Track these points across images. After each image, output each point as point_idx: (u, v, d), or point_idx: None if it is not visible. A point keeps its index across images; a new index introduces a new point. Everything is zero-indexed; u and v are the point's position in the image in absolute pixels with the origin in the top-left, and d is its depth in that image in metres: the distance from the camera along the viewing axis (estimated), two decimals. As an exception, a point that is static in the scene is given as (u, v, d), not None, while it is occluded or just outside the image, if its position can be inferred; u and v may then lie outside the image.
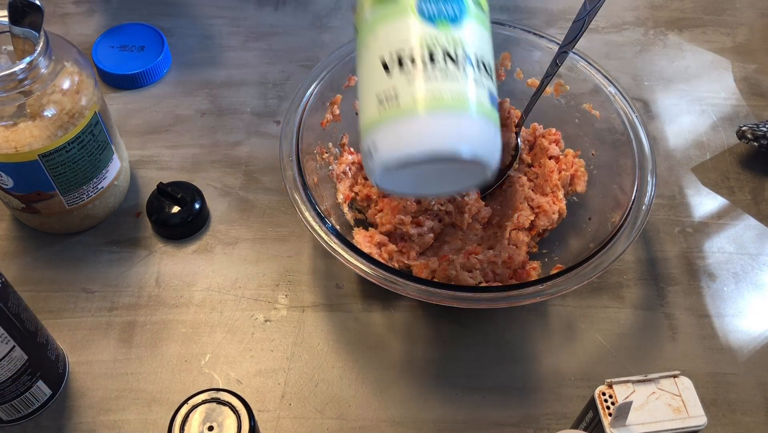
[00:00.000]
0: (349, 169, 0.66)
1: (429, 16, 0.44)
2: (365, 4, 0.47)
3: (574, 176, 0.65)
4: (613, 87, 0.64)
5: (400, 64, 0.44)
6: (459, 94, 0.43)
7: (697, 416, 0.46)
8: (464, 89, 0.43)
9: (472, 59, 0.44)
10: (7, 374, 0.50)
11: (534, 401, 0.57)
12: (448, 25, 0.44)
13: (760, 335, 0.61)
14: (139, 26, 0.78)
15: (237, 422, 0.47)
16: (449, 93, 0.43)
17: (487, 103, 0.44)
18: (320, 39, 0.81)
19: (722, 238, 0.67)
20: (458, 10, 0.45)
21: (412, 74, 0.43)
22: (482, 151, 0.44)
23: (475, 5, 0.46)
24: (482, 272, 0.60)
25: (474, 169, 0.45)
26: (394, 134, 0.43)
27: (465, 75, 0.44)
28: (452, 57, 0.44)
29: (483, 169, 0.45)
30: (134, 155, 0.70)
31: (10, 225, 0.65)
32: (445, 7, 0.45)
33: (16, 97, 0.53)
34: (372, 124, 0.44)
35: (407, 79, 0.43)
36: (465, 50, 0.44)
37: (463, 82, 0.43)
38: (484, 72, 0.45)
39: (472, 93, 0.44)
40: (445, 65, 0.43)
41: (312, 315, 0.61)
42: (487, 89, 0.45)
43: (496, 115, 0.45)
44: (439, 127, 0.43)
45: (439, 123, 0.43)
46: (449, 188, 0.54)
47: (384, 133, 0.44)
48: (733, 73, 0.80)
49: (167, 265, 0.63)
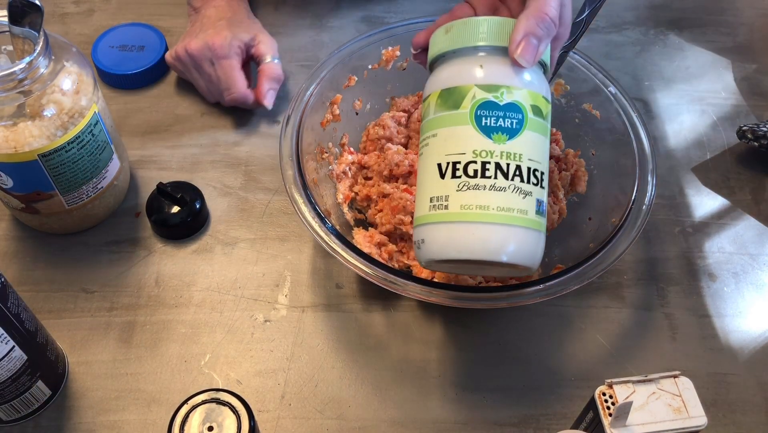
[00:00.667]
0: (349, 169, 0.66)
1: (486, 129, 0.46)
2: (431, 100, 0.49)
3: (575, 176, 0.65)
4: (613, 87, 0.64)
5: (454, 172, 0.47)
6: (504, 207, 0.46)
7: (697, 416, 0.46)
8: (511, 202, 0.46)
9: (523, 171, 0.46)
10: (7, 374, 0.50)
11: (534, 401, 0.57)
12: (503, 138, 0.46)
13: (760, 335, 0.61)
14: (139, 26, 0.78)
15: (237, 423, 0.47)
16: (495, 205, 0.46)
17: (532, 213, 0.47)
18: (320, 39, 0.81)
19: (722, 238, 0.67)
20: (516, 123, 0.47)
21: (463, 184, 0.46)
22: (522, 258, 0.47)
23: (534, 113, 0.47)
24: (482, 272, 0.60)
25: (515, 268, 0.48)
26: (441, 236, 0.47)
27: (514, 187, 0.46)
28: (503, 171, 0.46)
29: (524, 269, 0.48)
30: (134, 155, 0.70)
31: (10, 225, 0.65)
32: (503, 120, 0.46)
33: (15, 97, 0.53)
34: (423, 221, 0.48)
35: (458, 187, 0.46)
36: (518, 163, 0.46)
37: (511, 195, 0.46)
38: (533, 181, 0.47)
39: (517, 205, 0.46)
40: (495, 179, 0.46)
41: (312, 315, 0.61)
42: (536, 199, 0.47)
43: (541, 221, 0.48)
44: (482, 236, 0.46)
45: (482, 233, 0.46)
46: (492, 274, 0.57)
47: (432, 232, 0.48)
48: (733, 73, 0.80)
49: (167, 265, 0.63)
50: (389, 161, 0.64)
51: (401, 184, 0.63)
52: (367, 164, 0.66)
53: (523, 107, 0.47)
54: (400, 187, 0.63)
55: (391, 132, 0.67)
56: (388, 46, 0.66)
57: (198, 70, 0.72)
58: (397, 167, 0.63)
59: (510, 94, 0.47)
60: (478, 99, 0.47)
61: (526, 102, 0.47)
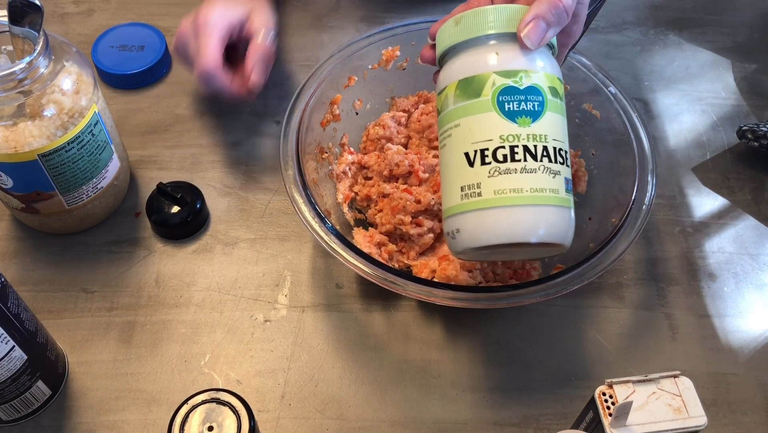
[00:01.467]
0: (349, 169, 0.66)
1: (509, 114, 0.47)
2: (448, 92, 0.49)
3: (575, 176, 0.65)
4: (613, 87, 0.64)
5: (483, 159, 0.47)
6: (537, 188, 0.46)
7: (697, 416, 0.46)
8: (542, 183, 0.47)
9: (550, 151, 0.47)
10: (7, 374, 0.50)
11: (534, 401, 0.57)
12: (528, 121, 0.47)
13: (760, 335, 0.61)
14: (139, 26, 0.78)
15: (237, 422, 0.47)
16: (528, 187, 0.46)
17: (563, 191, 0.47)
18: (320, 39, 0.81)
19: (722, 238, 0.67)
20: (538, 105, 0.47)
21: (494, 169, 0.47)
22: (556, 236, 0.47)
23: (552, 95, 0.48)
24: (482, 272, 0.60)
25: (549, 247, 0.48)
26: (476, 223, 0.47)
27: (544, 168, 0.47)
28: (532, 153, 0.47)
29: (558, 248, 0.49)
30: (134, 155, 0.70)
31: (9, 225, 0.65)
32: (525, 104, 0.47)
33: (15, 97, 0.53)
34: (455, 211, 0.48)
35: (489, 174, 0.47)
36: (544, 144, 0.47)
37: (542, 176, 0.47)
38: (560, 161, 0.48)
39: (549, 185, 0.47)
40: (525, 161, 0.46)
41: (312, 315, 0.61)
42: (564, 177, 0.48)
43: (570, 198, 0.49)
44: (517, 219, 0.47)
45: (519, 216, 0.47)
46: (524, 257, 0.58)
47: (467, 221, 0.48)
48: (733, 72, 0.80)
49: (167, 265, 0.63)
50: (389, 161, 0.64)
51: (401, 184, 0.63)
52: (367, 164, 0.66)
53: (542, 89, 0.48)
54: (400, 188, 0.63)
55: (391, 132, 0.67)
56: (388, 46, 0.66)
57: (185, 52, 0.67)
58: (397, 167, 0.63)
59: (528, 78, 0.47)
60: (498, 85, 0.47)
61: (544, 84, 0.48)
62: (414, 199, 0.61)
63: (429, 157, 0.63)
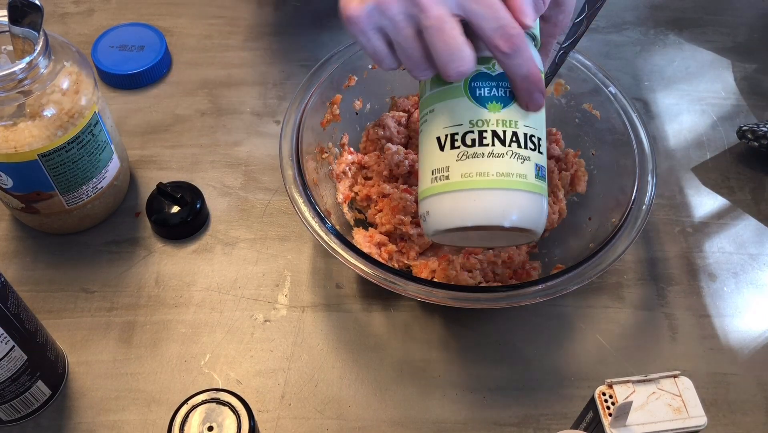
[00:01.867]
0: (349, 169, 0.66)
1: (480, 99, 0.47)
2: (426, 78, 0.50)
3: (575, 176, 0.65)
4: (613, 87, 0.64)
5: (453, 143, 0.47)
6: (504, 172, 0.47)
7: (697, 416, 0.46)
8: (509, 167, 0.47)
9: (520, 137, 0.47)
10: (7, 374, 0.50)
11: (534, 401, 0.57)
12: (498, 107, 0.47)
13: (760, 335, 0.61)
14: (139, 26, 0.78)
15: (237, 423, 0.47)
16: (495, 171, 0.47)
17: (532, 177, 0.48)
18: (320, 39, 0.81)
19: (722, 238, 0.67)
20: (509, 91, 0.48)
21: (462, 153, 0.47)
22: (525, 221, 0.48)
23: None
24: (482, 272, 0.60)
25: (520, 234, 0.49)
26: (444, 206, 0.48)
27: (512, 153, 0.47)
28: (500, 138, 0.47)
29: (528, 234, 0.49)
30: (134, 155, 0.70)
31: (9, 225, 0.65)
32: (496, 90, 0.48)
33: (15, 97, 0.53)
34: (426, 194, 0.49)
35: (457, 157, 0.47)
36: (514, 130, 0.47)
37: (509, 161, 0.47)
38: (530, 147, 0.48)
39: (516, 170, 0.47)
40: (492, 146, 0.47)
41: (312, 315, 0.61)
42: (534, 163, 0.48)
43: (542, 185, 0.48)
44: (484, 202, 0.47)
45: (484, 199, 0.47)
46: (498, 244, 0.58)
47: (436, 203, 0.48)
48: (733, 72, 0.80)
49: (167, 265, 0.63)
50: (389, 161, 0.64)
51: (401, 185, 0.63)
52: (367, 164, 0.66)
53: None
54: (400, 188, 0.63)
55: (391, 132, 0.67)
56: (388, 46, 0.66)
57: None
58: (397, 167, 0.63)
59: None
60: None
61: None
62: (414, 200, 0.61)
63: (429, 157, 0.63)
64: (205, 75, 0.77)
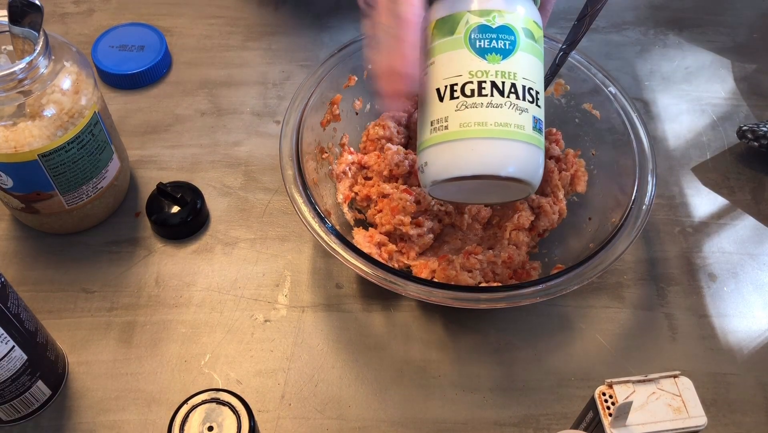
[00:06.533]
0: (349, 169, 0.66)
1: (480, 51, 0.49)
2: (429, 31, 0.51)
3: (575, 176, 0.65)
4: (613, 87, 0.64)
5: (452, 94, 0.48)
6: (502, 122, 0.48)
7: (697, 416, 0.46)
8: (508, 118, 0.48)
9: (518, 88, 0.48)
10: (7, 374, 0.50)
11: (534, 401, 0.57)
12: (497, 59, 0.48)
13: (760, 335, 0.61)
14: (139, 26, 0.78)
15: (237, 423, 0.47)
16: (493, 121, 0.47)
17: (529, 128, 0.49)
18: (320, 39, 0.81)
19: (722, 238, 0.67)
20: (509, 44, 0.49)
21: (461, 104, 0.48)
22: (522, 172, 0.48)
23: (527, 36, 0.50)
24: (482, 272, 0.60)
25: (516, 186, 0.50)
26: (442, 156, 0.49)
27: (510, 104, 0.48)
28: (499, 88, 0.48)
29: (525, 186, 0.50)
30: (134, 155, 0.70)
31: (9, 225, 0.65)
32: (496, 42, 0.49)
33: (15, 97, 0.53)
34: (425, 145, 0.50)
35: (456, 107, 0.48)
36: (513, 81, 0.48)
37: (508, 111, 0.48)
38: (528, 99, 0.49)
39: (514, 120, 0.48)
40: (491, 96, 0.48)
41: (312, 315, 0.61)
42: (532, 115, 0.49)
43: (539, 137, 0.49)
44: (482, 151, 0.48)
45: (482, 148, 0.48)
46: (494, 199, 0.58)
47: (434, 153, 0.49)
48: (733, 73, 0.80)
49: (167, 265, 0.63)
50: (389, 161, 0.64)
51: (401, 185, 0.63)
52: (367, 164, 0.66)
53: (515, 29, 0.49)
54: (400, 188, 0.63)
55: (391, 132, 0.67)
56: (388, 46, 0.66)
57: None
58: (397, 167, 0.63)
59: (502, 18, 0.49)
60: (471, 24, 0.49)
61: (518, 25, 0.49)
62: (414, 200, 0.61)
63: (429, 157, 0.63)
64: (205, 75, 0.77)
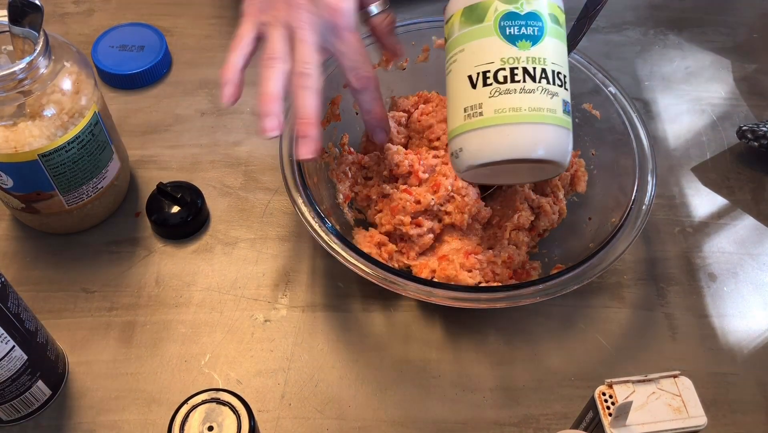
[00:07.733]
0: (349, 169, 0.66)
1: (510, 38, 0.50)
2: (454, 19, 0.53)
3: (575, 176, 0.65)
4: (613, 87, 0.64)
5: (485, 80, 0.50)
6: (535, 107, 0.50)
7: (697, 416, 0.46)
8: (540, 103, 0.50)
9: (548, 73, 0.50)
10: (7, 374, 0.50)
11: (534, 401, 0.57)
12: (528, 45, 0.50)
13: (760, 335, 0.61)
14: (139, 26, 0.78)
15: (237, 422, 0.47)
16: (527, 106, 0.49)
17: (560, 112, 0.50)
18: (320, 39, 0.81)
19: (722, 238, 0.67)
20: (538, 30, 0.50)
21: (495, 90, 0.50)
22: (554, 153, 0.51)
23: (552, 22, 0.51)
24: (482, 271, 0.60)
25: (548, 166, 0.52)
26: (478, 141, 0.51)
27: (542, 89, 0.50)
28: (530, 74, 0.50)
29: (556, 167, 0.52)
30: (134, 155, 0.70)
31: (10, 225, 0.65)
32: (525, 28, 0.50)
33: (15, 97, 0.53)
34: (459, 131, 0.52)
35: (490, 94, 0.50)
36: (543, 66, 0.50)
37: (540, 96, 0.50)
38: (558, 83, 0.50)
39: (546, 105, 0.50)
40: (524, 82, 0.50)
41: (312, 315, 0.61)
42: (561, 99, 0.51)
43: (569, 120, 0.52)
44: (517, 136, 0.50)
45: (517, 133, 0.50)
46: (525, 179, 0.61)
47: (469, 140, 0.51)
48: (733, 73, 0.80)
49: (167, 265, 0.63)
50: (389, 161, 0.64)
51: (401, 185, 0.63)
52: (367, 164, 0.66)
53: (542, 15, 0.51)
54: (400, 188, 0.63)
55: (391, 132, 0.67)
56: (388, 46, 0.66)
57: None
58: (397, 167, 0.63)
59: (529, 5, 0.51)
60: (500, 11, 0.50)
61: (545, 11, 0.51)
62: (414, 200, 0.61)
63: (429, 158, 0.63)
64: (205, 75, 0.77)
